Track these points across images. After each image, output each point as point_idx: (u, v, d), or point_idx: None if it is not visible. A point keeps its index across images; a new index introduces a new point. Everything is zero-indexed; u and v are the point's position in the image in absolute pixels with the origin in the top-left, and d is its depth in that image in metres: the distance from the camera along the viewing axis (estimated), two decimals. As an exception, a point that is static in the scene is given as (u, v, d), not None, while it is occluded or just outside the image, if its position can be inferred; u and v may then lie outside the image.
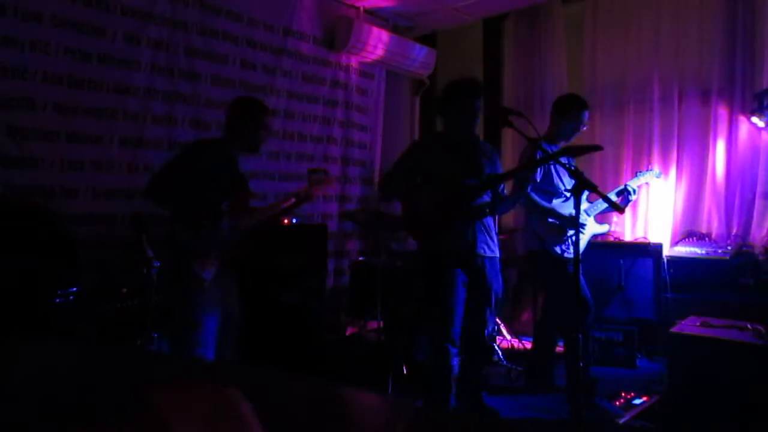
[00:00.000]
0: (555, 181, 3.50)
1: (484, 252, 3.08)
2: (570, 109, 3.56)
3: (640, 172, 3.88)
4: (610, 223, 4.82)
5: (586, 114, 3.59)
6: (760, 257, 4.35)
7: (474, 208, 3.07)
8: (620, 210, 2.89)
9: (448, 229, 3.02)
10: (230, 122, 3.00)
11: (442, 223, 3.02)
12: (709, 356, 3.04)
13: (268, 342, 3.77)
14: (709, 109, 4.79)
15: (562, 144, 3.65)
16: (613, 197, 3.57)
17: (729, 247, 4.50)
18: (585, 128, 3.64)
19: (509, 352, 4.47)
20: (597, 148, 3.20)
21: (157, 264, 2.89)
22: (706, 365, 3.03)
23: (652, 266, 4.52)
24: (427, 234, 3.09)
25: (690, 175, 4.87)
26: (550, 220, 3.47)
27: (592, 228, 3.68)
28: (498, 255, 3.17)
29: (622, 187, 3.67)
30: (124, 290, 3.32)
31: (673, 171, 4.90)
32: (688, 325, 3.35)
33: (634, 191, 3.64)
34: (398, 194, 3.28)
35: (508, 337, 4.66)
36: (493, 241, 3.15)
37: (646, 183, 4.06)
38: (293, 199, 3.16)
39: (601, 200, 3.59)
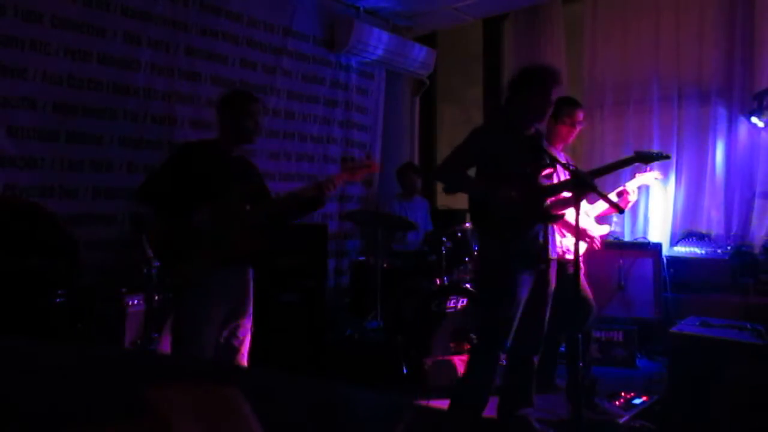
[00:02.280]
0: (554, 181, 3.49)
1: (551, 255, 3.00)
2: (561, 111, 3.55)
3: (639, 173, 3.85)
4: (609, 224, 4.80)
5: (579, 114, 3.57)
6: (760, 257, 4.35)
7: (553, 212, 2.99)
8: (620, 210, 2.88)
9: (529, 232, 2.88)
10: (218, 118, 2.92)
11: (525, 226, 2.86)
12: (709, 356, 3.04)
13: (268, 342, 3.77)
14: (708, 109, 4.79)
15: (561, 146, 3.64)
16: (612, 198, 3.57)
17: (729, 247, 4.51)
18: (580, 127, 3.60)
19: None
20: (666, 156, 3.17)
21: (156, 264, 2.86)
22: (706, 365, 3.03)
23: (652, 266, 4.51)
24: (505, 236, 2.87)
25: (690, 175, 4.88)
26: None
27: (592, 230, 3.67)
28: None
29: (621, 188, 3.65)
30: (124, 290, 3.32)
31: (672, 171, 4.90)
32: (688, 325, 3.35)
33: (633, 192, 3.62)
34: (465, 188, 2.96)
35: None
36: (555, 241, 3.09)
37: (646, 185, 4.03)
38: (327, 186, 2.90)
39: (599, 201, 3.60)
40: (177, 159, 2.84)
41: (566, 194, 3.16)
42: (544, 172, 2.99)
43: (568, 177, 3.30)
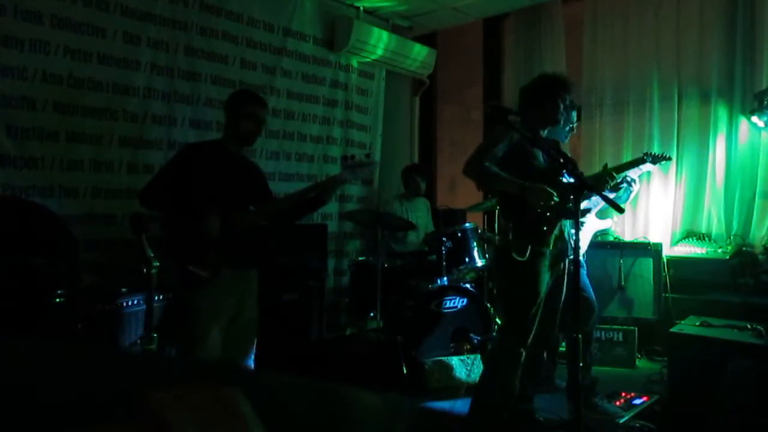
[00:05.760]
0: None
1: (570, 254, 2.99)
2: None
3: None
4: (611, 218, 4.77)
5: (574, 117, 3.55)
6: (760, 257, 4.34)
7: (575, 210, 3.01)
8: (620, 210, 2.86)
9: (555, 225, 2.89)
10: (225, 117, 2.98)
11: (553, 220, 2.87)
12: (709, 356, 3.04)
13: (268, 342, 3.77)
14: (709, 109, 4.78)
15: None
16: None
17: (729, 247, 4.50)
18: (573, 130, 3.57)
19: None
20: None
21: (156, 264, 2.85)
22: (706, 365, 3.03)
23: (652, 266, 4.51)
24: (535, 234, 2.86)
25: (690, 175, 4.87)
26: None
27: (593, 225, 3.66)
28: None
29: (629, 177, 3.60)
30: (124, 290, 3.32)
31: (673, 171, 4.90)
32: (688, 325, 3.35)
33: (634, 181, 3.59)
34: (500, 182, 2.89)
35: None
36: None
37: (647, 170, 3.92)
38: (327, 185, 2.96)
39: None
40: (177, 162, 2.83)
41: None
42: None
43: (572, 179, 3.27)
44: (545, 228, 2.86)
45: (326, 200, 3.01)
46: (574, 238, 2.54)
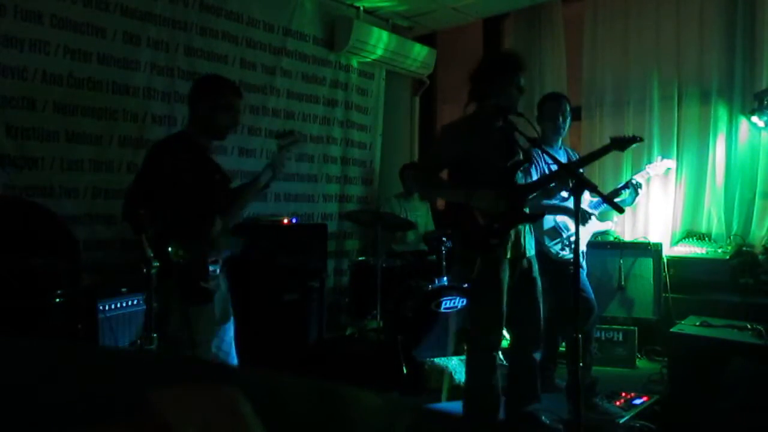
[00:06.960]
0: (533, 175, 3.44)
1: (530, 252, 2.96)
2: (542, 110, 3.55)
3: (649, 166, 3.76)
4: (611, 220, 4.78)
5: (559, 108, 3.53)
6: (760, 257, 4.34)
7: (529, 212, 2.95)
8: (620, 210, 2.85)
9: (507, 234, 2.83)
10: (190, 107, 2.68)
11: (503, 230, 2.81)
12: (709, 356, 3.04)
13: (268, 342, 3.77)
14: (709, 109, 4.78)
15: (558, 143, 3.62)
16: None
17: (729, 247, 4.50)
18: (566, 120, 3.55)
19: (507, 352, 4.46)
20: (639, 139, 3.20)
21: (156, 264, 2.83)
22: (706, 365, 3.03)
23: (652, 266, 4.51)
24: (483, 239, 2.81)
25: (690, 175, 4.87)
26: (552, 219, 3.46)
27: (593, 225, 3.66)
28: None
29: (634, 180, 3.59)
30: (124, 290, 3.32)
31: (673, 171, 4.90)
32: (688, 325, 3.35)
33: (640, 185, 3.59)
34: (440, 194, 2.97)
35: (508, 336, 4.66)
36: (533, 238, 3.04)
37: (654, 174, 3.92)
38: (269, 172, 2.87)
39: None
40: (155, 165, 2.62)
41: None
42: (521, 167, 2.95)
43: (553, 169, 3.23)
44: (496, 241, 2.78)
45: (270, 185, 2.94)
46: (573, 237, 2.54)
